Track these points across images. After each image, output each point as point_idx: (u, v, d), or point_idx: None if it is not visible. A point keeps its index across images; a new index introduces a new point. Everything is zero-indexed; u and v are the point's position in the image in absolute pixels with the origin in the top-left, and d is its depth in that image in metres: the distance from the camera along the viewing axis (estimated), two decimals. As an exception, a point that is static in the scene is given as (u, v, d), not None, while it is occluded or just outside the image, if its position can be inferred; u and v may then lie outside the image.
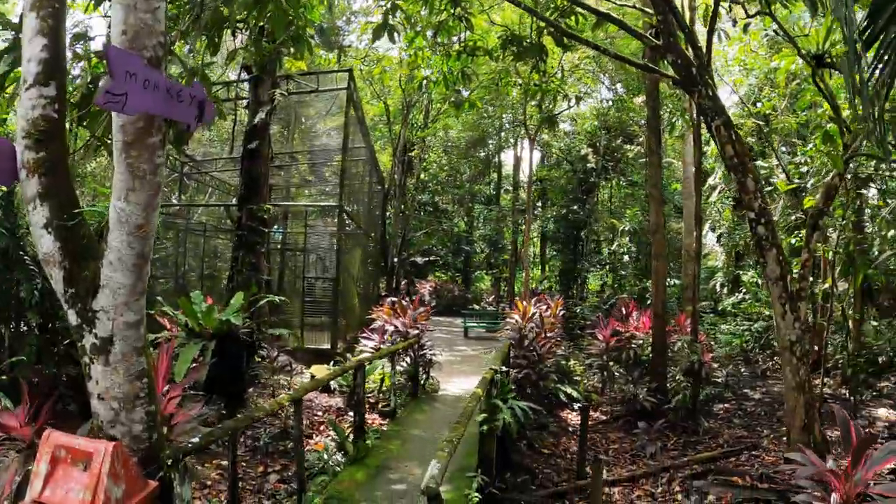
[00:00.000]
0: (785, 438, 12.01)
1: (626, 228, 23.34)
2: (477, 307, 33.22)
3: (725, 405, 14.67)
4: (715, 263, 22.05)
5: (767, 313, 18.94)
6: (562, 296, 23.59)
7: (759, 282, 19.94)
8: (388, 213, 29.84)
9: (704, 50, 10.80)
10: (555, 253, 27.55)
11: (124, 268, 3.84)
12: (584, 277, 24.99)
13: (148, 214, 3.81)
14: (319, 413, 12.41)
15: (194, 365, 8.02)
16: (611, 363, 13.86)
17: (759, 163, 17.48)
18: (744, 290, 20.85)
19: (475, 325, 25.42)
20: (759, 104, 15.17)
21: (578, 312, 20.76)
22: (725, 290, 23.05)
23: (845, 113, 10.64)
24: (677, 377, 13.27)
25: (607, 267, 24.03)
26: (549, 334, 13.44)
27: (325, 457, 8.40)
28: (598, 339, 13.99)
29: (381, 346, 11.96)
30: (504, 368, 10.38)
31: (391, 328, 12.05)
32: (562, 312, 15.30)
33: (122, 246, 3.79)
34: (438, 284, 35.34)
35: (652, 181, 13.76)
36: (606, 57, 17.43)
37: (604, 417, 13.37)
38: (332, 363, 13.96)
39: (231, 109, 16.63)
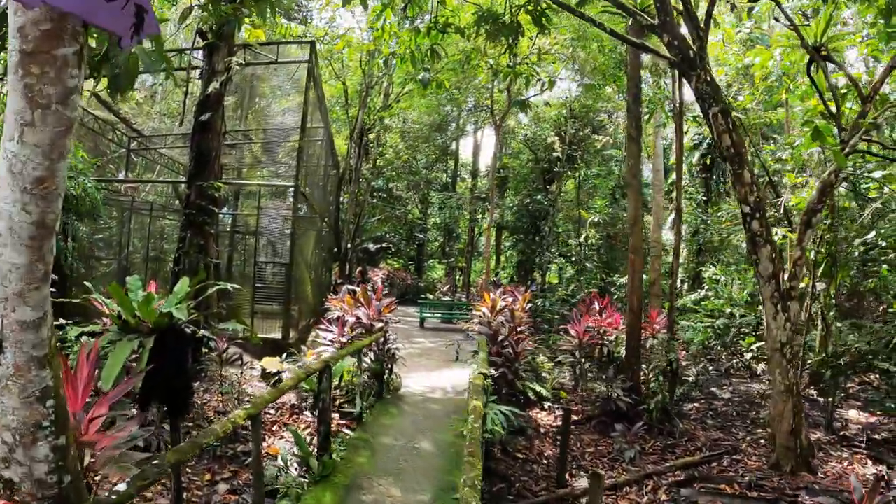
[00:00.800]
0: (764, 441, 11.35)
1: (594, 220, 22.43)
2: (431, 297, 32.10)
3: (696, 405, 13.96)
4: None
5: (729, 311, 18.34)
6: (525, 288, 22.70)
7: (721, 278, 19.26)
8: (342, 198, 28.45)
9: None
10: (512, 243, 26.45)
11: (17, 241, 2.56)
12: (545, 269, 23.94)
13: (53, 165, 2.53)
14: (271, 412, 11.13)
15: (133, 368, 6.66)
16: (583, 360, 12.89)
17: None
18: (705, 287, 20.16)
19: (431, 315, 24.25)
20: (740, 97, 14.36)
21: (539, 305, 19.78)
22: (686, 287, 22.40)
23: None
24: (652, 376, 12.40)
25: (572, 259, 23.07)
26: (519, 328, 12.41)
27: (285, 476, 7.10)
28: (570, 334, 13.00)
29: (341, 338, 10.74)
30: (492, 372, 9.28)
31: (352, 319, 10.82)
32: (529, 306, 14.28)
33: (14, 209, 2.51)
34: (391, 272, 34.13)
35: (631, 171, 12.81)
36: (579, 43, 16.48)
37: (575, 418, 12.39)
38: (284, 356, 12.70)
39: (183, 81, 15.12)
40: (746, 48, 15.39)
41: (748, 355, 18.78)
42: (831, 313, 12.96)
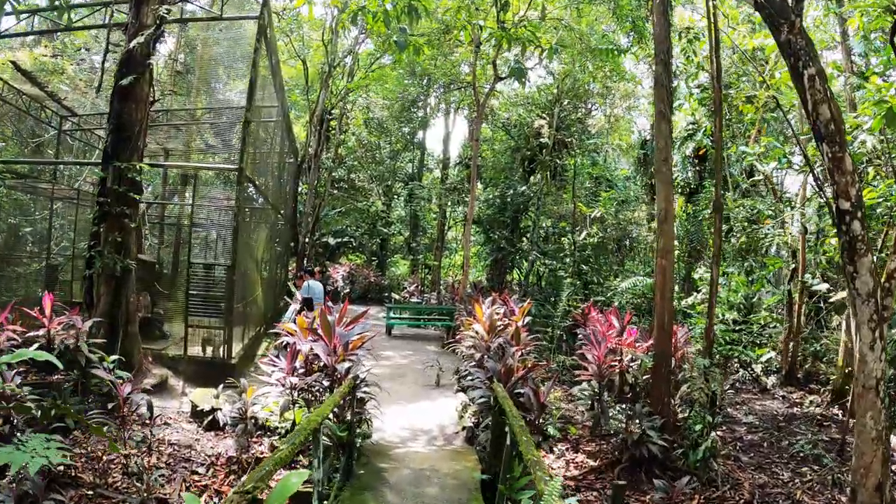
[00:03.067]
0: (815, 483, 9.36)
1: (596, 215, 19.60)
2: (396, 296, 29.06)
3: (718, 433, 11.31)
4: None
5: (728, 316, 15.83)
6: (498, 289, 19.72)
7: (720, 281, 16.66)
8: (300, 189, 25.31)
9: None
10: (485, 240, 23.43)
11: None
12: (531, 268, 20.79)
13: None
14: (201, 471, 8.17)
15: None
16: (604, 392, 10.09)
17: (746, 148, 14.16)
18: (701, 290, 17.55)
19: (400, 320, 21.19)
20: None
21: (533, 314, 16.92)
22: (677, 289, 19.77)
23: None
24: (680, 408, 9.75)
25: (565, 260, 20.16)
26: (523, 351, 9.63)
27: None
28: (587, 359, 10.19)
29: (292, 377, 7.78)
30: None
31: (306, 348, 7.78)
32: (527, 320, 11.46)
33: None
34: (353, 269, 31.05)
35: (661, 155, 10.11)
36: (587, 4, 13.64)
37: (593, 463, 9.64)
38: (220, 387, 9.71)
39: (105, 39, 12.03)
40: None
41: (758, 368, 16.41)
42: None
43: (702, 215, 16.05)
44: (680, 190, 19.97)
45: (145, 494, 6.89)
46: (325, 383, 7.20)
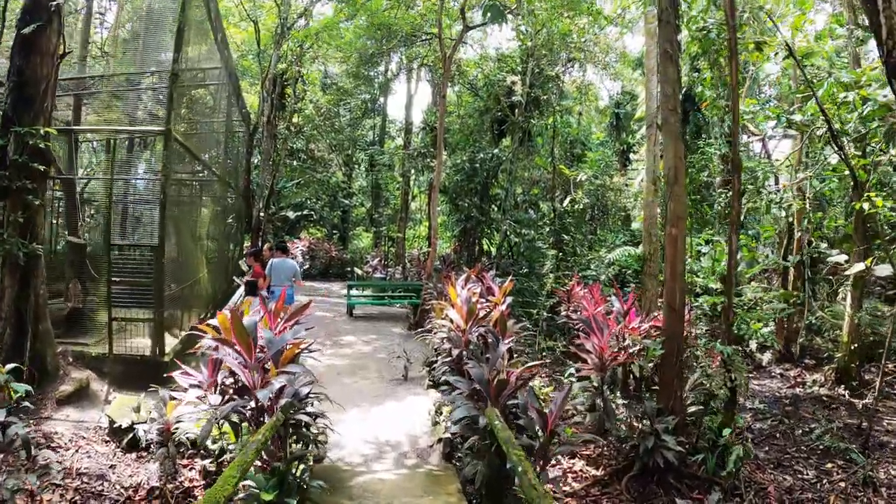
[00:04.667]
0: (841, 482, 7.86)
1: (581, 178, 17.73)
2: (358, 271, 27.13)
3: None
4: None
5: (715, 287, 14.29)
6: (469, 263, 17.85)
7: (702, 249, 15.05)
8: (254, 161, 23.08)
9: None
10: (452, 209, 21.46)
11: None
12: (505, 239, 18.79)
13: None
14: (111, 503, 6.29)
15: None
16: (608, 387, 8.35)
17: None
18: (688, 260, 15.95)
19: (363, 299, 19.26)
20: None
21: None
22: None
23: None
24: (691, 400, 8.15)
25: (545, 229, 18.26)
26: (506, 340, 7.87)
27: None
28: (587, 349, 8.43)
29: (214, 396, 5.87)
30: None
31: (233, 360, 5.79)
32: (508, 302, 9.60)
33: None
34: (313, 243, 28.98)
35: (668, 104, 8.36)
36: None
37: (596, 472, 7.99)
38: (143, 395, 7.80)
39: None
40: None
41: (752, 344, 14.98)
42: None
43: (697, 178, 14.33)
44: (661, 153, 18.20)
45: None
46: (253, 405, 5.35)
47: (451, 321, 8.95)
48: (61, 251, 13.82)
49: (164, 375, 7.36)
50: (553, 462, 8.01)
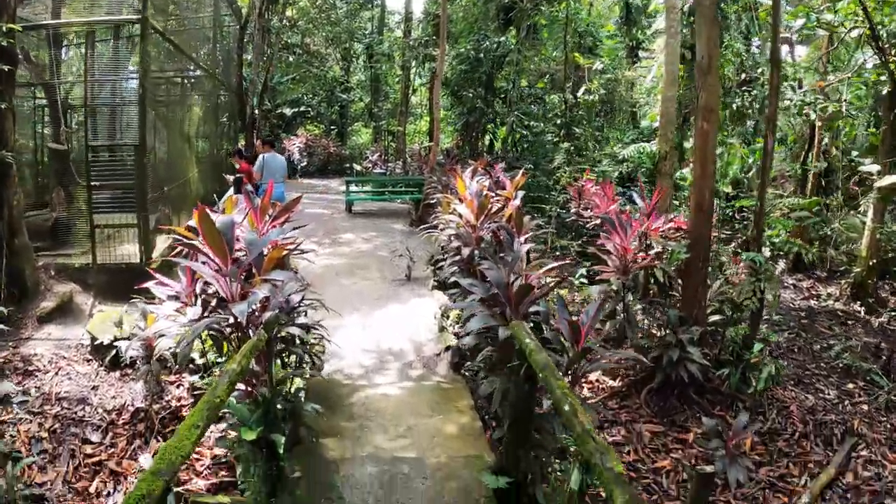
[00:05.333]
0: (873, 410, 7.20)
1: (598, 68, 16.24)
2: (357, 167, 25.98)
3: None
4: (652, 124, 15.65)
5: (727, 191, 13.44)
6: (473, 157, 16.66)
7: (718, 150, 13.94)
8: (246, 58, 21.49)
9: None
10: (454, 103, 19.98)
11: None
12: (517, 137, 17.30)
13: None
14: (95, 438, 5.63)
15: None
16: (629, 293, 7.52)
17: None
18: (690, 163, 14.75)
19: (362, 195, 18.28)
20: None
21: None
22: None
23: None
24: (730, 315, 7.39)
25: (556, 122, 16.88)
26: (521, 238, 7.04)
27: None
28: (607, 250, 7.53)
29: (193, 308, 5.01)
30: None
31: (204, 268, 4.84)
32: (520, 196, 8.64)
33: None
34: (310, 139, 27.64)
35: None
36: None
37: (614, 384, 7.35)
38: (124, 309, 7.01)
39: None
40: None
41: (766, 251, 13.96)
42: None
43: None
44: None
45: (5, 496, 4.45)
46: (232, 320, 4.50)
47: (461, 216, 8.02)
48: (48, 161, 12.80)
49: (138, 287, 6.57)
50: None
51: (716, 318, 7.71)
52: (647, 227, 7.66)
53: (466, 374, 7.15)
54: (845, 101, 11.69)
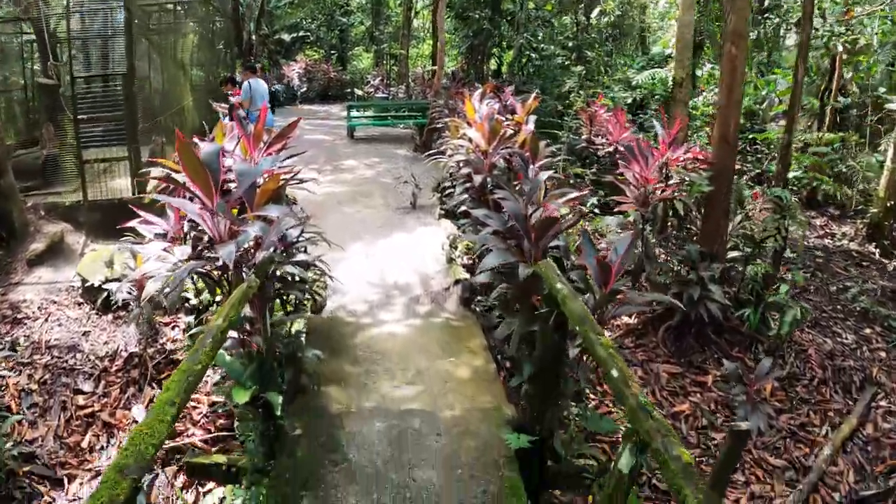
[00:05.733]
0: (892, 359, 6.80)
1: None
2: (359, 92, 24.95)
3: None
4: (664, 51, 14.64)
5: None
6: (479, 80, 15.76)
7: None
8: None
9: None
10: (459, 25, 18.77)
11: None
12: (523, 61, 16.22)
13: None
14: (87, 387, 5.27)
15: None
16: (648, 224, 6.96)
17: None
18: (702, 92, 13.90)
19: (364, 120, 17.50)
20: None
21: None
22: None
23: None
24: (751, 252, 6.90)
25: (568, 45, 15.90)
26: (536, 165, 6.49)
27: None
28: (626, 180, 6.95)
29: (180, 248, 4.47)
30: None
31: (187, 204, 4.28)
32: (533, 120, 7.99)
33: None
34: (310, 65, 26.49)
35: None
36: None
37: (630, 321, 6.93)
38: (115, 247, 6.49)
39: None
40: None
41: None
42: None
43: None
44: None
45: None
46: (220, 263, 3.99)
47: (470, 141, 7.39)
48: (38, 97, 12.06)
49: (120, 227, 6.06)
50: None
51: (734, 254, 7.24)
52: (667, 156, 7.04)
53: (477, 309, 6.71)
54: (876, 33, 10.86)
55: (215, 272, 4.17)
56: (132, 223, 4.85)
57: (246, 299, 3.41)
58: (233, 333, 4.03)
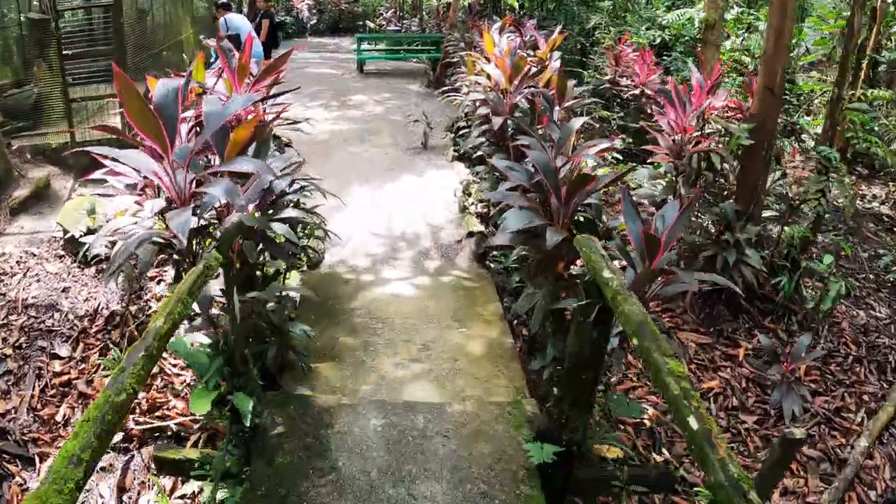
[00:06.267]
0: None
1: None
2: (371, 24, 23.60)
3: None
4: None
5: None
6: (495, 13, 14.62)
7: (760, 25, 11.83)
8: None
9: None
10: None
11: None
12: None
13: None
14: (64, 352, 4.65)
15: None
16: (682, 177, 6.14)
17: None
18: (729, 37, 12.63)
19: (375, 53, 16.40)
20: None
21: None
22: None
23: None
24: (786, 216, 6.17)
25: None
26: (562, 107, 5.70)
27: None
28: (660, 128, 6.12)
29: (154, 203, 3.68)
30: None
31: (147, 162, 3.18)
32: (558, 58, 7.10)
33: None
34: (320, -4, 25.00)
35: None
36: None
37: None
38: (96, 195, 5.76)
39: None
40: None
41: (810, 142, 12.16)
42: None
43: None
44: None
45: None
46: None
47: (489, 78, 6.52)
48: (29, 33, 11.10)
49: (85, 178, 5.29)
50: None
51: (767, 213, 6.47)
52: (711, 108, 6.17)
53: (492, 265, 6.04)
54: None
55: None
56: (98, 174, 4.10)
57: (201, 286, 2.68)
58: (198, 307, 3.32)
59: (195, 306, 3.04)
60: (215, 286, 3.29)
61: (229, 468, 3.13)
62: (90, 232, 5.42)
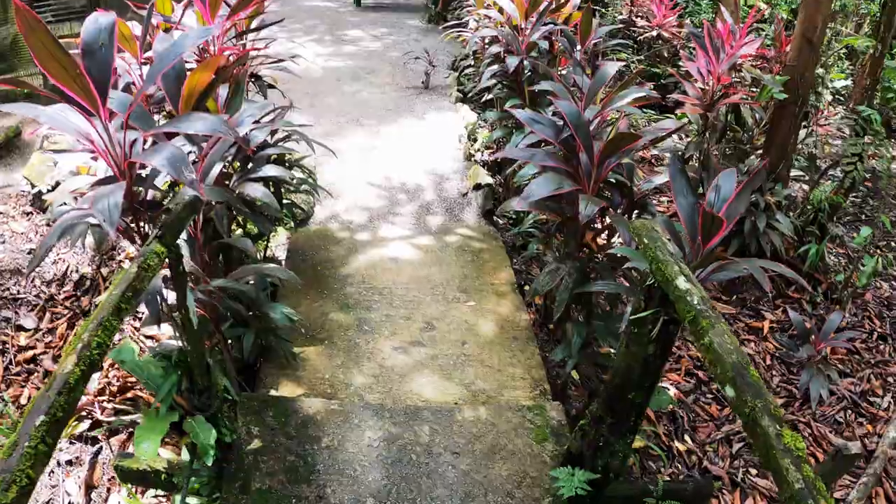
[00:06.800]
0: None
1: None
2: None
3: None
4: None
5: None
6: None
7: None
8: None
9: None
10: None
11: None
12: None
13: None
14: (29, 323, 4.08)
15: None
16: (709, 132, 5.43)
17: None
18: None
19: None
20: None
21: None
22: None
23: None
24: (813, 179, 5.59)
25: None
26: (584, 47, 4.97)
27: None
28: (689, 75, 5.37)
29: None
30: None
31: (75, 120, 2.29)
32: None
33: None
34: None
35: None
36: None
37: (675, 247, 5.58)
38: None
39: None
40: None
41: (826, 95, 11.17)
42: None
43: None
44: None
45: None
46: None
47: (501, 12, 5.63)
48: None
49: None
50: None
51: (794, 173, 5.84)
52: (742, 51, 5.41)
53: (501, 222, 5.42)
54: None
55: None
56: (43, 128, 3.37)
57: (134, 296, 1.88)
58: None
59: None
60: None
61: (199, 490, 2.58)
62: (57, 186, 4.73)
